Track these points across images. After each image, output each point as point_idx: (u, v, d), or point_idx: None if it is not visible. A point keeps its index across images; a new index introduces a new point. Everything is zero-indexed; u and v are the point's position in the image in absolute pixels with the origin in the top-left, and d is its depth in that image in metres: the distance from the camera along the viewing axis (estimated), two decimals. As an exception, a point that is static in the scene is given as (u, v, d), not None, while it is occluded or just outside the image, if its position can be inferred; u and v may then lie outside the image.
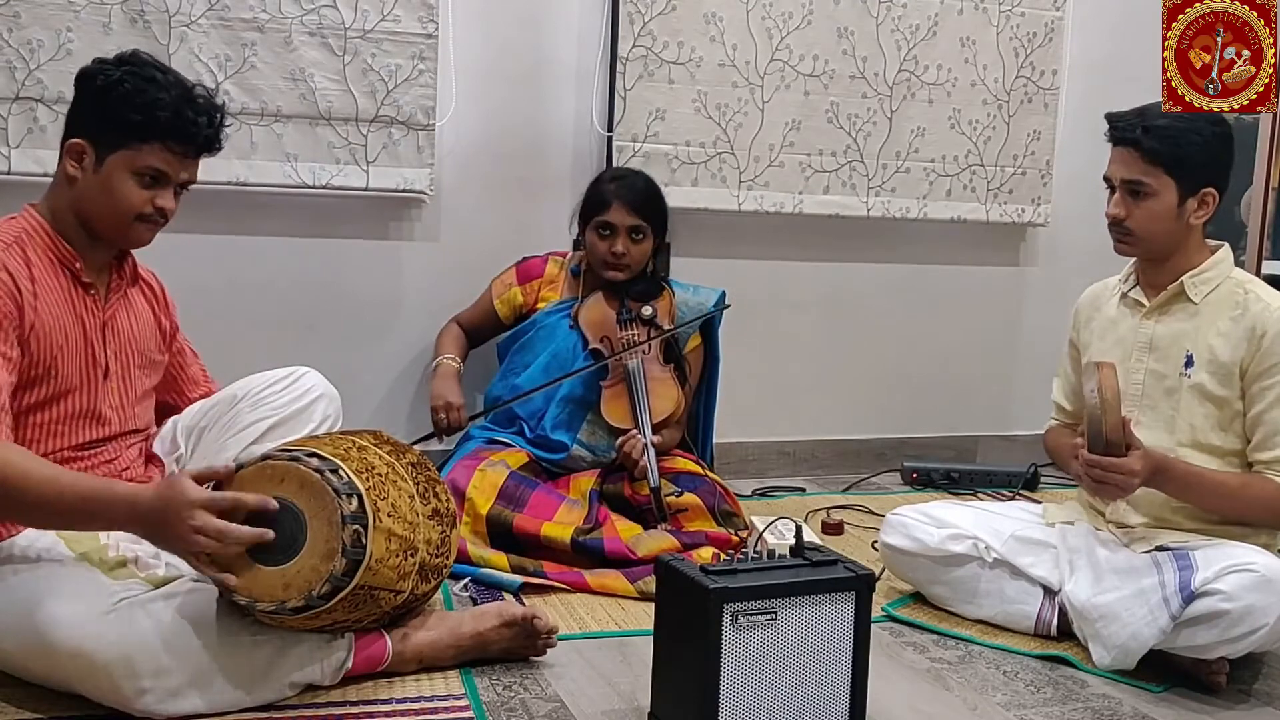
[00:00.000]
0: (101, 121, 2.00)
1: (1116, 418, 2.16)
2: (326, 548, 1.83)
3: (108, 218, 2.03)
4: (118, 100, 1.98)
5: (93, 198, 2.01)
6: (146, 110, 1.98)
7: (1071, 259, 3.91)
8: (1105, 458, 2.17)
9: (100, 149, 2.00)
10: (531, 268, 3.17)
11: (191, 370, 2.38)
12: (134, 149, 1.99)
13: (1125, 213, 2.32)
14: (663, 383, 3.02)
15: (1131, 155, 2.30)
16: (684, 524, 2.77)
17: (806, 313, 3.79)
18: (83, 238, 2.04)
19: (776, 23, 3.52)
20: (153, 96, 1.98)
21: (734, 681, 1.77)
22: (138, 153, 2.00)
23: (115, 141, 1.99)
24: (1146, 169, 2.28)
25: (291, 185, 3.09)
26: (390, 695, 1.99)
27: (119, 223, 2.03)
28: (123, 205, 2.01)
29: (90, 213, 2.03)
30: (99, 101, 2.00)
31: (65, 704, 1.87)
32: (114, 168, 2.00)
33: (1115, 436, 2.16)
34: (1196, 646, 2.12)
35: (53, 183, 2.06)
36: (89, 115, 2.01)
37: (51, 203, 2.04)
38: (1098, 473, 2.18)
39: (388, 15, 3.11)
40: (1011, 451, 3.91)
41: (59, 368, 1.99)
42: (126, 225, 2.04)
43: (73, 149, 2.00)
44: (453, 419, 2.93)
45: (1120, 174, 2.32)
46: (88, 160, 2.00)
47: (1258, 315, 2.27)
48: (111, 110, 1.98)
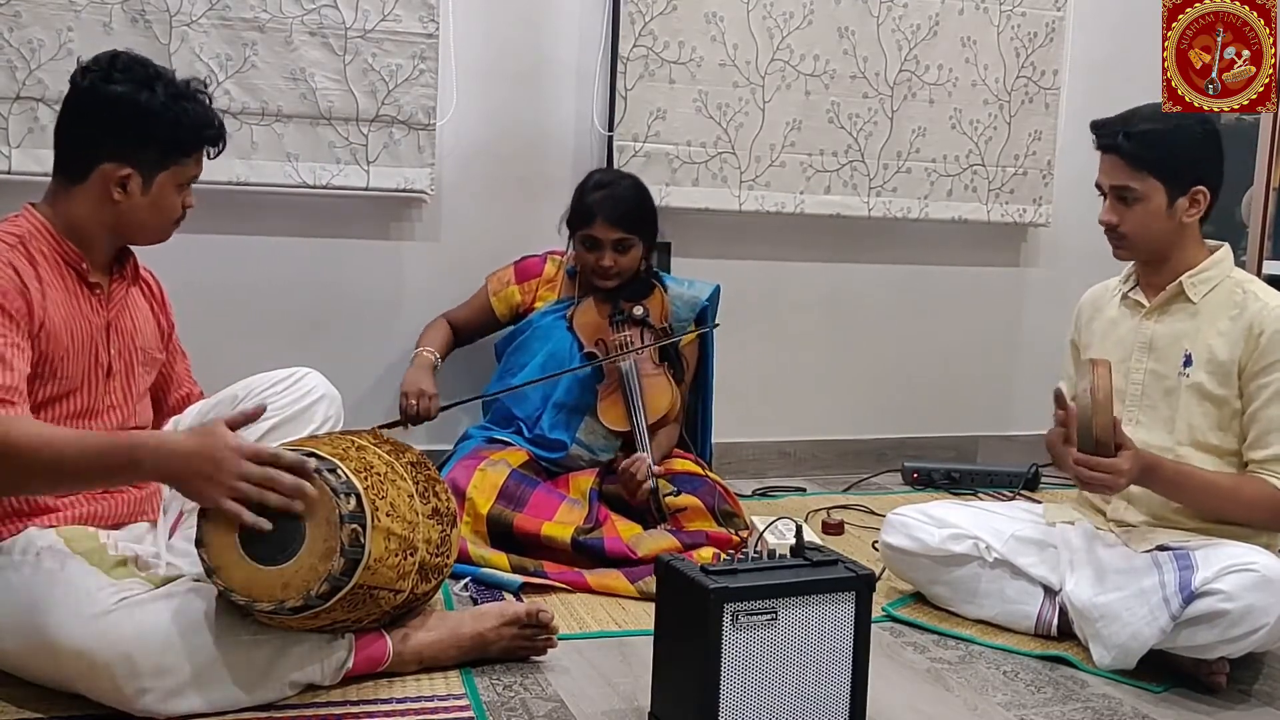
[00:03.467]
0: (147, 147, 2.00)
1: (1107, 417, 2.16)
2: (325, 547, 1.83)
3: (154, 231, 2.09)
4: (168, 127, 1.99)
5: (143, 218, 2.04)
6: (197, 131, 2.03)
7: (1072, 259, 3.91)
8: (1093, 457, 2.18)
9: (146, 170, 2.00)
10: (530, 267, 3.17)
11: (178, 370, 2.39)
12: (180, 164, 2.04)
13: (1117, 218, 2.34)
14: (657, 382, 3.01)
15: (1116, 162, 2.31)
16: (684, 524, 2.77)
17: (808, 313, 3.79)
18: (89, 239, 2.03)
19: (777, 22, 3.52)
20: (196, 116, 2.02)
21: (734, 681, 1.77)
22: (184, 167, 2.05)
23: (162, 161, 2.02)
24: (1132, 174, 2.29)
25: (292, 185, 3.10)
26: (390, 695, 1.99)
27: (163, 232, 2.10)
28: (170, 217, 2.09)
29: (134, 229, 2.06)
30: (145, 127, 1.98)
31: (65, 704, 1.87)
32: (164, 185, 2.03)
33: (1104, 436, 2.16)
34: (1197, 646, 2.12)
35: (57, 193, 2.02)
36: (131, 142, 1.99)
37: (64, 212, 2.01)
38: (1085, 471, 2.19)
39: (388, 15, 3.11)
40: (1012, 451, 3.91)
41: (64, 367, 1.99)
42: (169, 233, 2.11)
43: (117, 178, 1.98)
44: (423, 407, 2.89)
45: (1108, 180, 2.34)
46: (133, 184, 2.00)
47: (1256, 314, 2.27)
48: (163, 135, 2.00)
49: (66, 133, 2.02)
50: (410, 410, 2.89)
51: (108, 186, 1.99)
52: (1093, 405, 2.15)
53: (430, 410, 2.90)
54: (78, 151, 2.01)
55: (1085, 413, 2.17)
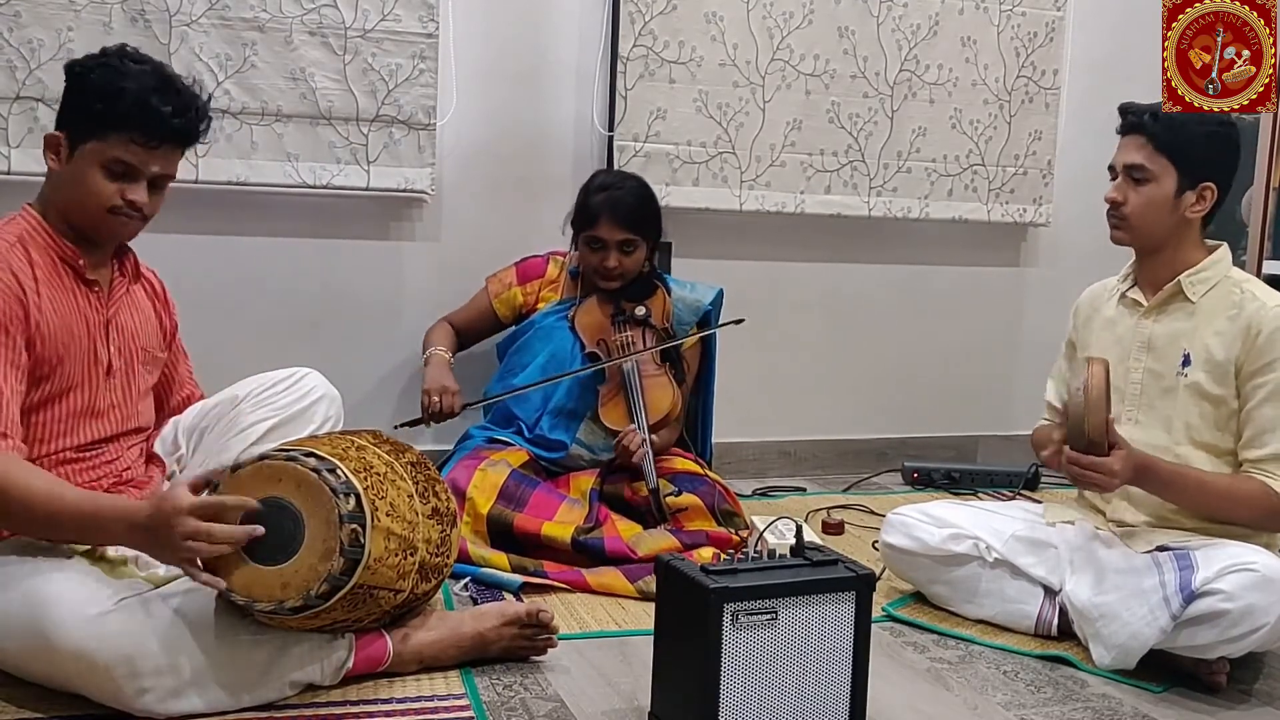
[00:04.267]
0: (73, 112, 2.00)
1: (1100, 417, 2.15)
2: (324, 547, 1.83)
3: (80, 210, 2.01)
4: (87, 91, 1.97)
5: (66, 190, 2.01)
6: (109, 100, 1.95)
7: (1072, 259, 3.91)
8: (1085, 456, 2.17)
9: (73, 140, 1.99)
10: (532, 267, 3.17)
11: (180, 371, 2.38)
12: (102, 140, 1.97)
13: (1123, 197, 2.35)
14: (658, 382, 3.01)
15: (1139, 141, 2.33)
16: (684, 524, 2.77)
17: (808, 312, 3.79)
18: (77, 234, 2.04)
19: (777, 22, 3.52)
20: (117, 86, 1.96)
21: (734, 681, 1.76)
22: (105, 144, 1.97)
23: (85, 133, 1.98)
24: (1152, 155, 2.31)
25: (292, 185, 3.10)
26: (390, 695, 1.99)
27: (92, 215, 2.01)
28: (92, 198, 1.99)
29: (65, 205, 2.02)
30: (71, 92, 2.00)
31: (65, 704, 1.87)
32: (83, 159, 1.98)
33: (1097, 435, 2.16)
34: (1197, 646, 2.12)
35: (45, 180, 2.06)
36: (65, 107, 2.02)
37: (42, 200, 2.05)
38: (1076, 470, 2.19)
39: (388, 15, 3.11)
40: (1012, 451, 3.91)
41: (63, 366, 1.99)
42: (99, 218, 2.01)
43: (50, 141, 2.00)
44: (446, 404, 2.87)
45: (1124, 159, 2.36)
46: (63, 152, 2.00)
47: (1253, 314, 2.27)
48: (80, 100, 1.98)
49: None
50: (434, 407, 2.86)
51: (48, 155, 2.00)
52: (1085, 404, 2.15)
53: (454, 406, 2.88)
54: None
55: (1078, 411, 2.16)
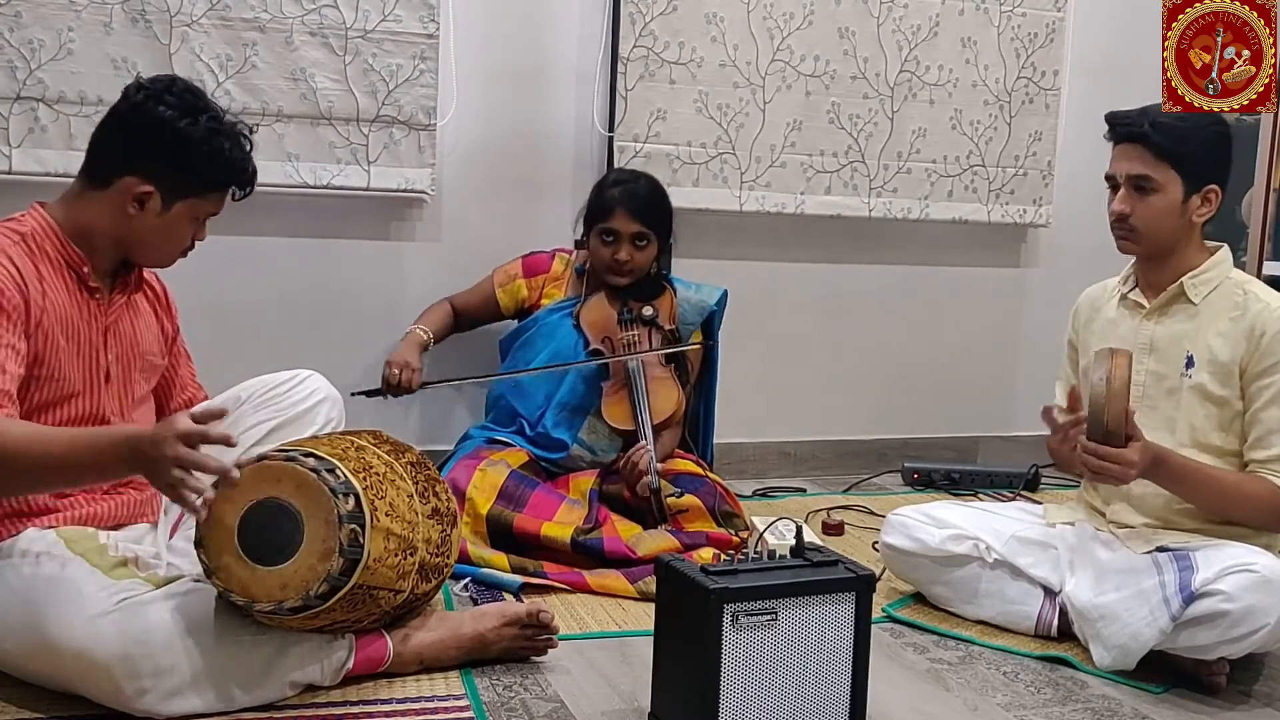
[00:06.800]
0: (176, 171, 2.00)
1: (1120, 406, 2.13)
2: (324, 547, 1.83)
3: (157, 254, 2.10)
4: (201, 158, 2.00)
5: (150, 239, 2.05)
6: (230, 170, 2.05)
7: (1073, 260, 3.90)
8: (1103, 447, 2.15)
9: (167, 193, 2.01)
10: (538, 263, 3.17)
11: (182, 373, 2.38)
12: (202, 198, 2.05)
13: (1130, 209, 2.32)
14: (663, 383, 3.02)
15: (1138, 151, 2.30)
16: (684, 524, 2.77)
17: (808, 313, 3.79)
18: (95, 246, 2.03)
19: (778, 23, 3.52)
20: (232, 155, 2.04)
21: (734, 682, 1.77)
22: (204, 201, 2.06)
23: (185, 190, 2.02)
24: (1154, 164, 2.28)
25: (292, 185, 3.10)
26: (390, 695, 1.99)
27: (167, 258, 2.11)
28: (178, 246, 2.10)
29: (140, 248, 2.06)
30: (179, 153, 1.99)
31: (65, 704, 1.87)
32: (179, 213, 2.04)
33: (1116, 426, 2.14)
34: (1197, 647, 2.12)
35: (76, 195, 2.03)
36: (162, 163, 1.99)
37: (77, 215, 2.02)
38: (1094, 461, 2.16)
39: (388, 15, 3.11)
40: (1012, 452, 3.91)
41: (62, 369, 1.98)
42: (172, 260, 2.12)
43: (138, 194, 1.99)
44: (405, 379, 2.91)
45: (1126, 169, 2.32)
46: (152, 203, 2.00)
47: (1257, 315, 2.27)
48: (194, 165, 2.01)
49: (103, 139, 2.03)
50: (392, 379, 2.91)
51: (126, 199, 1.99)
52: (1107, 393, 2.13)
53: (411, 383, 2.92)
54: (108, 159, 2.01)
55: (1098, 401, 2.14)
